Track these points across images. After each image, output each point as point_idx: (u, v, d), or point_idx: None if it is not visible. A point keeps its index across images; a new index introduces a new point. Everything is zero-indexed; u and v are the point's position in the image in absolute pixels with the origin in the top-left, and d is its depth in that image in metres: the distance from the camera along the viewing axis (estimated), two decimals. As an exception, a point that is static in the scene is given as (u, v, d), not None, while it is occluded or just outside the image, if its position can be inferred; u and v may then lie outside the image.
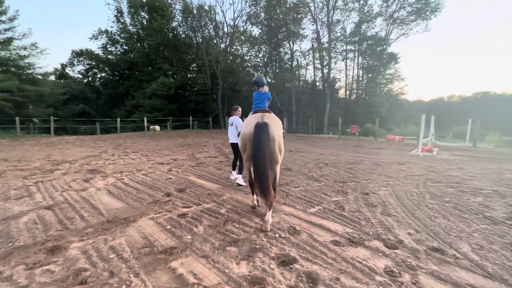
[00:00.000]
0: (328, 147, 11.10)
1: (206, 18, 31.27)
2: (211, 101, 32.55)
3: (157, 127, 22.88)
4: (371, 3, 28.01)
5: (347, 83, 33.11)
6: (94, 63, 39.58)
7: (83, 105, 33.30)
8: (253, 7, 28.89)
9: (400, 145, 12.16)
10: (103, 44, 36.97)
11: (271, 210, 2.94)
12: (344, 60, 31.31)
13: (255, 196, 3.36)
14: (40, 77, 25.39)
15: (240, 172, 4.81)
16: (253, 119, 3.07)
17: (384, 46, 27.63)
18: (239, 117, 5.10)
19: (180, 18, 32.80)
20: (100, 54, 37.42)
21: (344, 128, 17.87)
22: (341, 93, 33.56)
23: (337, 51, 29.76)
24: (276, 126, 3.02)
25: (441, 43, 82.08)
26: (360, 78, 30.85)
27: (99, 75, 42.05)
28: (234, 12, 31.28)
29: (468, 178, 5.44)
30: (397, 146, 11.68)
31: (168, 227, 2.81)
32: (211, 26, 31.93)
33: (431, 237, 2.71)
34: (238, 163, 4.87)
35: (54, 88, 29.17)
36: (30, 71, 23.97)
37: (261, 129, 2.81)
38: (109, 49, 37.63)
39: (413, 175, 5.60)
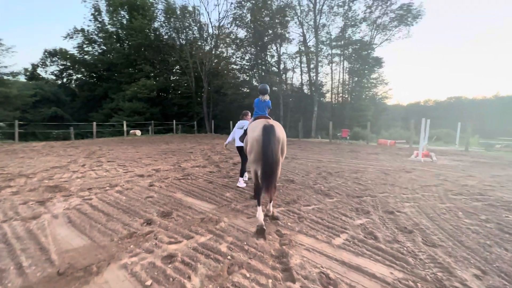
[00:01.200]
0: (323, 152, 10.51)
1: (190, 19, 30.21)
2: (195, 104, 31.37)
3: (138, 132, 21.44)
4: (355, 8, 28.35)
5: (333, 87, 33.28)
6: (69, 64, 37.16)
7: (56, 108, 30.97)
8: (239, 9, 28.30)
9: (393, 150, 11.84)
10: (79, 43, 34.76)
11: (272, 202, 3.41)
12: (330, 64, 31.46)
13: (261, 209, 3.02)
14: (5, 77, 23.10)
15: (241, 175, 5.04)
16: (258, 123, 3.23)
17: (369, 51, 27.94)
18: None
19: (163, 18, 31.47)
20: (76, 54, 35.17)
21: (334, 132, 17.47)
22: (328, 96, 33.62)
23: (323, 55, 29.79)
24: (280, 128, 3.24)
25: (419, 49, 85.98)
26: (347, 82, 31.04)
27: (74, 77, 39.56)
28: (219, 13, 30.19)
29: (487, 188, 4.95)
30: (391, 151, 11.32)
31: (149, 282, 1.94)
32: (195, 27, 30.89)
33: (506, 280, 2.04)
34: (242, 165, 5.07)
35: (22, 89, 26.78)
36: (-7, 71, 21.72)
37: (269, 131, 2.98)
38: (86, 49, 35.43)
39: (428, 186, 5.04)
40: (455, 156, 9.92)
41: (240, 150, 4.84)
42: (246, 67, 31.82)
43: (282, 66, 29.47)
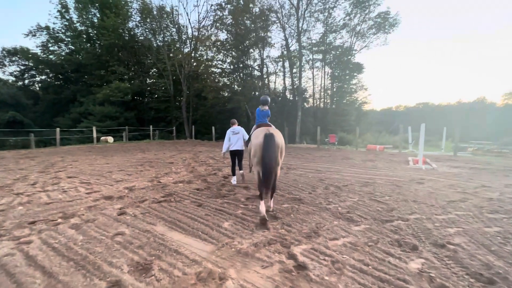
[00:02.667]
0: (317, 160, 9.79)
1: (168, 20, 28.70)
2: (174, 108, 29.72)
3: (110, 138, 19.52)
4: (334, 15, 28.69)
5: (315, 91, 33.34)
6: (31, 64, 33.80)
7: (15, 112, 27.82)
8: (219, 11, 27.40)
9: (385, 156, 11.45)
10: (43, 42, 31.77)
11: (272, 199, 3.93)
12: (311, 69, 31.49)
13: (263, 203, 3.44)
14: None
15: (234, 174, 5.65)
16: (261, 131, 3.70)
17: (349, 57, 28.28)
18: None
19: (138, 18, 29.65)
20: (39, 54, 32.05)
21: (322, 138, 16.99)
22: (310, 101, 33.57)
23: (305, 59, 29.71)
24: (279, 136, 3.70)
25: (391, 56, 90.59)
26: (329, 87, 31.17)
27: (38, 78, 36.09)
28: (199, 15, 29.05)
29: (515, 202, 4.41)
30: (384, 157, 10.90)
31: None
32: (174, 29, 29.41)
33: None
34: (236, 166, 5.62)
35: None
36: None
37: (269, 138, 3.49)
38: (51, 48, 32.49)
39: (453, 201, 4.39)
40: (449, 162, 9.65)
41: (233, 154, 5.51)
42: (228, 71, 30.84)
43: (265, 70, 28.87)
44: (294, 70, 29.09)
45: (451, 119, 42.80)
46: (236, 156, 5.52)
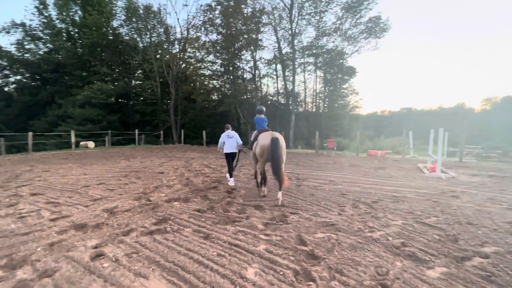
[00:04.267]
0: (323, 167, 8.95)
1: (155, 20, 27.35)
2: (161, 112, 28.24)
3: (91, 143, 17.92)
4: (325, 20, 28.46)
5: (307, 95, 32.93)
6: (5, 63, 31.30)
7: (-17, 115, 25.33)
8: (209, 12, 26.45)
9: (392, 162, 10.81)
10: (18, 40, 29.51)
11: (281, 191, 4.48)
12: (303, 72, 31.06)
13: (263, 187, 4.98)
14: None
15: (231, 176, 5.99)
16: (267, 135, 4.63)
17: (342, 61, 28.06)
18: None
19: (123, 17, 28.09)
20: (14, 52, 29.70)
21: (321, 143, 16.27)
22: (302, 105, 33.05)
23: (297, 63, 29.21)
24: (282, 139, 4.57)
25: (377, 61, 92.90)
26: (321, 91, 30.81)
27: (12, 78, 33.49)
28: (188, 15, 27.91)
29: None
30: (392, 164, 10.24)
31: None
32: (161, 29, 28.07)
33: None
34: (233, 167, 6.08)
35: None
36: None
37: (276, 141, 4.38)
38: (27, 46, 30.24)
39: (513, 222, 3.62)
40: (461, 169, 9.09)
41: (228, 156, 5.94)
42: (218, 73, 29.80)
43: (257, 73, 28.06)
44: (287, 73, 28.52)
45: (432, 123, 43.81)
46: (231, 157, 6.01)
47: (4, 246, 2.75)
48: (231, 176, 6.00)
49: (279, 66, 28.04)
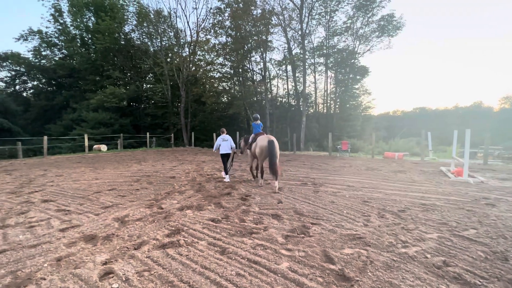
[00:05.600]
0: (339, 171, 8.57)
1: (165, 24, 27.63)
2: (172, 114, 28.43)
3: (103, 147, 18.14)
4: (336, 19, 27.93)
5: (318, 96, 32.40)
6: (22, 69, 32.43)
7: (2, 119, 26.23)
8: (218, 15, 26.48)
9: (412, 165, 10.28)
10: (35, 47, 30.52)
11: (277, 181, 5.69)
12: (313, 73, 30.59)
13: (261, 180, 6.34)
14: None
15: (226, 173, 6.92)
16: (265, 138, 5.92)
17: (354, 61, 27.43)
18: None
19: (135, 22, 28.54)
20: (31, 59, 30.72)
21: (334, 145, 15.82)
22: (313, 106, 32.53)
23: (307, 63, 28.80)
24: (276, 141, 5.79)
25: (389, 60, 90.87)
26: (332, 91, 30.22)
27: (29, 84, 34.68)
28: (197, 18, 28.06)
29: None
30: (411, 167, 9.73)
31: None
32: (171, 33, 28.34)
33: None
34: (227, 166, 7.02)
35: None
36: None
37: (272, 143, 5.64)
38: (43, 53, 31.22)
39: None
40: (488, 172, 8.49)
41: (223, 156, 6.89)
42: (227, 75, 29.74)
43: (267, 74, 27.81)
44: (297, 74, 28.16)
45: (448, 123, 42.30)
46: (226, 157, 6.95)
47: (10, 261, 2.59)
48: (226, 173, 6.90)
49: (289, 67, 27.72)
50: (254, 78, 29.11)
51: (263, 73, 27.39)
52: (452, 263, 2.54)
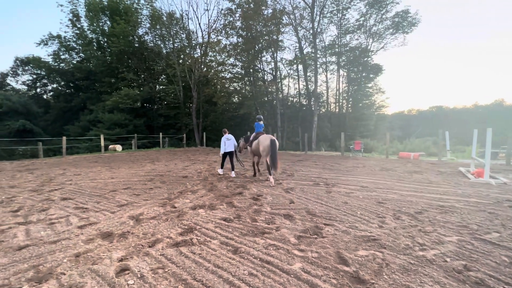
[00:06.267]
0: (352, 171, 8.41)
1: (177, 27, 28.09)
2: (184, 115, 28.83)
3: (118, 147, 18.64)
4: (348, 17, 27.43)
5: (330, 95, 31.99)
6: (43, 73, 33.88)
7: (25, 121, 27.51)
8: (229, 16, 26.61)
9: (428, 165, 9.95)
10: (54, 51, 31.80)
11: (274, 175, 6.74)
12: (325, 72, 30.20)
13: (272, 178, 6.49)
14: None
15: (233, 169, 7.66)
16: (267, 137, 6.53)
17: (367, 59, 26.86)
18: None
19: (148, 25, 29.19)
20: (51, 62, 32.04)
21: (347, 145, 15.56)
22: (324, 106, 32.13)
23: (318, 62, 28.48)
24: (276, 140, 6.43)
25: (404, 58, 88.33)
26: (345, 90, 29.73)
27: (49, 87, 36.18)
28: (209, 19, 28.29)
29: None
30: (428, 167, 9.41)
31: None
32: (183, 35, 28.78)
33: None
34: (231, 164, 7.73)
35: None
36: None
37: (274, 142, 6.28)
38: (62, 56, 32.50)
39: None
40: (511, 173, 8.09)
41: (227, 154, 7.66)
42: (239, 75, 29.84)
43: (278, 74, 27.71)
44: (309, 73, 27.89)
45: (466, 122, 40.63)
46: (228, 155, 7.65)
47: (32, 256, 2.70)
48: (221, 167, 7.96)
49: (300, 67, 27.50)
50: (265, 78, 29.08)
51: (274, 73, 27.33)
52: (474, 268, 2.43)
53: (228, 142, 7.58)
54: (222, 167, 7.94)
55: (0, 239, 3.11)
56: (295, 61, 25.56)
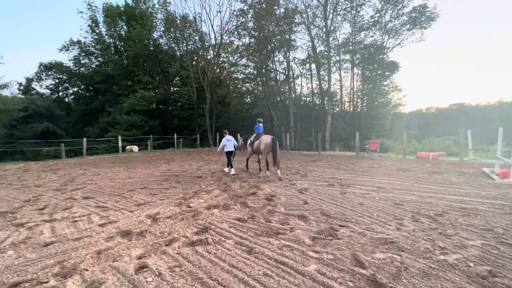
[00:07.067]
0: (368, 172, 8.22)
1: (190, 29, 28.58)
2: (197, 116, 29.27)
3: (135, 148, 19.21)
4: (362, 14, 26.79)
5: (344, 94, 31.38)
6: (65, 77, 35.49)
7: (48, 123, 28.91)
8: (241, 17, 26.72)
9: (448, 165, 9.56)
10: (75, 56, 33.31)
11: (278, 170, 7.29)
12: (338, 71, 29.65)
13: (267, 172, 7.60)
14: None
15: (231, 167, 8.16)
16: (268, 137, 7.35)
17: (382, 56, 26.14)
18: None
19: (163, 28, 29.90)
20: (72, 67, 33.53)
21: (362, 144, 15.24)
22: (338, 105, 31.57)
23: (332, 61, 28.01)
24: (276, 140, 7.18)
25: (421, 55, 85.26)
26: (359, 89, 29.08)
27: (70, 90, 37.88)
28: (221, 21, 28.58)
29: None
30: (448, 168, 9.04)
31: None
32: (196, 37, 29.25)
33: None
34: (231, 161, 8.33)
35: (9, 104, 24.83)
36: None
37: (275, 140, 7.08)
38: (82, 61, 33.99)
39: None
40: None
41: (228, 153, 8.32)
42: (251, 76, 29.91)
43: (291, 73, 27.52)
44: (322, 72, 27.54)
45: (490, 120, 38.55)
46: (230, 154, 8.32)
47: (58, 252, 2.85)
48: (231, 167, 8.19)
49: (313, 66, 27.17)
50: (278, 78, 28.96)
51: (286, 73, 27.18)
52: (500, 274, 2.32)
53: (228, 143, 8.28)
54: (232, 166, 8.21)
55: (28, 236, 3.30)
56: (307, 60, 25.31)
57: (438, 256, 2.67)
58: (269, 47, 26.31)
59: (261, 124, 8.17)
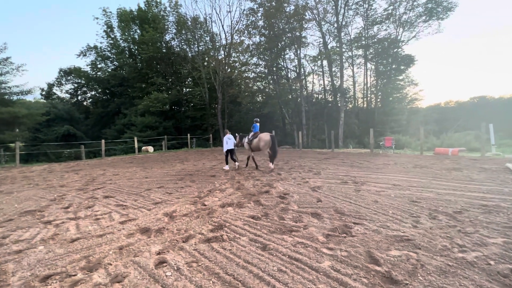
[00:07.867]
0: (383, 169, 8.07)
1: (201, 30, 28.92)
2: (209, 116, 29.64)
3: (150, 148, 19.74)
4: (375, 7, 26.04)
5: (357, 90, 30.73)
6: (83, 82, 36.92)
7: (69, 126, 30.25)
8: (251, 16, 26.72)
9: (468, 162, 9.20)
10: (92, 61, 34.59)
11: (273, 164, 8.32)
12: (351, 66, 29.05)
13: (271, 164, 8.37)
14: (15, 97, 22.32)
15: (227, 164, 9.26)
16: (266, 134, 8.25)
17: (397, 49, 25.35)
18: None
19: (174, 30, 30.43)
20: (89, 72, 34.85)
21: (376, 141, 14.92)
22: (351, 101, 30.96)
23: (344, 57, 27.48)
24: (275, 137, 8.18)
25: (439, 47, 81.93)
26: (373, 84, 28.40)
27: (88, 94, 39.35)
28: (231, 21, 28.73)
29: None
30: (468, 164, 8.70)
31: None
32: (207, 38, 29.58)
33: None
34: (228, 159, 9.28)
35: (33, 109, 26.15)
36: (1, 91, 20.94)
37: (274, 137, 8.13)
38: (99, 65, 35.23)
39: None
40: None
41: (228, 151, 9.16)
42: (262, 75, 29.90)
43: (302, 71, 27.28)
44: (334, 69, 27.10)
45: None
46: (230, 152, 9.12)
47: (83, 247, 3.02)
48: (227, 164, 9.17)
49: (325, 62, 26.80)
50: (289, 75, 28.80)
51: (297, 70, 26.97)
52: (523, 273, 2.25)
53: (229, 141, 9.05)
54: (227, 163, 9.19)
55: (56, 232, 3.52)
56: (319, 56, 24.99)
57: (456, 253, 2.62)
58: (279, 45, 26.21)
59: (258, 124, 9.03)
